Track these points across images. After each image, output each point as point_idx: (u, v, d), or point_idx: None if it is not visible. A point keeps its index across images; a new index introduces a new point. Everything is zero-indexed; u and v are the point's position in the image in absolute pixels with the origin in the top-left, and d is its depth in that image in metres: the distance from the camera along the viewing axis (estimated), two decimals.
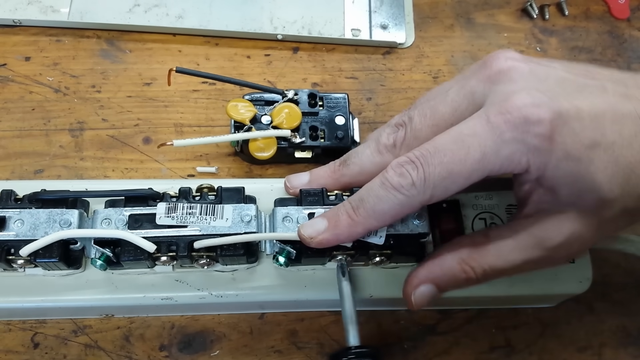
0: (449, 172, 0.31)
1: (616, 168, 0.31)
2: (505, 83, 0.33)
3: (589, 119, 0.31)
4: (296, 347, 0.44)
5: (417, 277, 0.37)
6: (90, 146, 0.49)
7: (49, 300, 0.39)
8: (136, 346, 0.43)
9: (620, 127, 0.31)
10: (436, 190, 0.32)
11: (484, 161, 0.31)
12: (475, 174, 0.32)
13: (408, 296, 0.37)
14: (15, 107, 0.50)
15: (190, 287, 0.39)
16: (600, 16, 0.61)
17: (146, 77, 0.53)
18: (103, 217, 0.37)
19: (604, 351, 0.46)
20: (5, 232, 0.36)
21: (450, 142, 0.32)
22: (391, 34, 0.57)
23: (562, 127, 0.30)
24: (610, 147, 0.31)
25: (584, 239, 0.34)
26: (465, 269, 0.36)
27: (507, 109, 0.31)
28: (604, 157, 0.31)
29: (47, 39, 0.54)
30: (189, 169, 0.49)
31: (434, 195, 0.32)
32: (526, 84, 0.32)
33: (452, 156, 0.31)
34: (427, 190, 0.32)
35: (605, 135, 0.31)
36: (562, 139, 0.31)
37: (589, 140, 0.31)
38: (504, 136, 0.31)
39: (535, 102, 0.31)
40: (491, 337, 0.46)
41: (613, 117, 0.31)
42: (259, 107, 0.48)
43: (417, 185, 0.32)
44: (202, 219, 0.37)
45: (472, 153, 0.31)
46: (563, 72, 0.33)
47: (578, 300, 0.47)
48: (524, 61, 0.33)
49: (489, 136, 0.31)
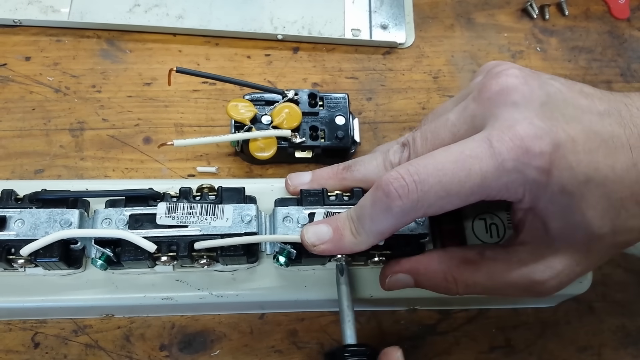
0: (446, 192, 0.31)
1: (607, 204, 0.31)
2: (507, 107, 0.32)
3: (584, 152, 0.31)
4: (296, 347, 0.44)
5: (399, 266, 0.37)
6: (91, 146, 0.49)
7: (50, 300, 0.39)
8: (136, 346, 0.43)
9: (613, 160, 0.31)
10: (430, 208, 0.32)
11: (484, 185, 0.31)
12: (473, 197, 0.31)
13: (384, 277, 0.38)
14: (16, 107, 0.50)
15: (191, 287, 0.39)
16: (600, 16, 0.61)
17: (146, 77, 0.53)
18: (103, 217, 0.37)
19: (604, 351, 0.46)
20: (6, 232, 0.36)
21: (450, 160, 0.31)
22: (391, 34, 0.57)
23: (559, 160, 0.30)
24: (603, 183, 0.31)
25: (571, 274, 0.34)
26: (448, 279, 0.36)
27: (510, 137, 0.30)
28: (596, 193, 0.31)
29: (47, 39, 0.54)
30: (189, 169, 0.49)
31: (427, 213, 0.32)
32: (527, 109, 0.31)
33: (452, 177, 0.31)
34: (419, 210, 0.32)
35: (599, 170, 0.31)
36: (559, 173, 0.30)
37: (584, 175, 0.30)
38: (505, 164, 0.30)
39: (537, 134, 0.30)
40: (491, 337, 0.46)
41: (606, 151, 0.31)
42: (259, 107, 0.48)
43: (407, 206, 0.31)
44: (202, 219, 0.37)
45: (472, 176, 0.31)
46: (564, 92, 0.33)
47: (578, 300, 0.47)
48: (523, 79, 0.33)
49: (490, 162, 0.30)
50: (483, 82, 0.34)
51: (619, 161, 0.31)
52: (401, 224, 0.33)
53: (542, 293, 0.35)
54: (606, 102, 0.33)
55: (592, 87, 0.34)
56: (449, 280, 0.36)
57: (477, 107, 0.33)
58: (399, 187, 0.31)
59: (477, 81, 0.35)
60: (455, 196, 0.31)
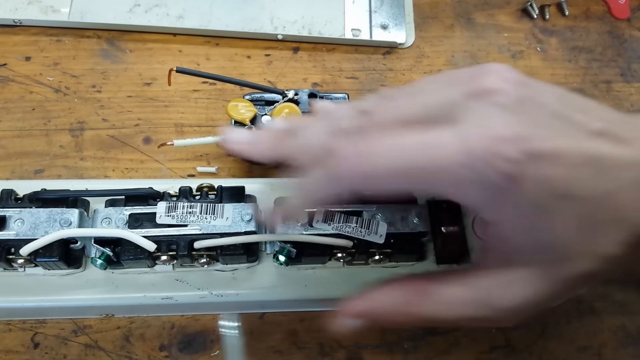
0: (398, 172, 0.29)
1: (583, 224, 0.29)
2: (489, 106, 0.29)
3: (567, 167, 0.28)
4: (296, 347, 0.44)
5: (349, 310, 0.34)
6: (91, 146, 0.49)
7: (49, 300, 0.39)
8: (136, 346, 0.43)
9: (597, 180, 0.28)
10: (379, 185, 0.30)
11: (439, 177, 0.29)
12: (425, 185, 0.29)
13: (334, 321, 0.34)
14: (16, 107, 0.50)
15: (191, 287, 0.39)
16: (600, 16, 0.61)
17: (146, 77, 0.53)
18: (103, 216, 0.37)
19: (604, 351, 0.46)
20: (6, 232, 0.36)
21: (413, 143, 0.29)
22: (391, 34, 0.57)
23: (532, 170, 0.28)
24: (582, 202, 0.28)
25: (536, 303, 0.31)
26: (403, 313, 0.33)
27: (481, 135, 0.28)
28: (572, 210, 0.28)
29: (47, 39, 0.54)
30: (189, 169, 0.49)
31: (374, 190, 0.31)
32: (510, 113, 0.29)
33: (408, 158, 0.29)
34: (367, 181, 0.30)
35: (579, 187, 0.28)
36: (528, 184, 0.28)
37: (560, 189, 0.28)
38: (468, 161, 0.28)
39: (511, 138, 0.28)
40: (491, 337, 0.46)
41: (592, 169, 0.28)
42: (259, 107, 0.48)
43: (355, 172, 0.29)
44: (202, 218, 0.37)
45: (430, 162, 0.29)
46: (557, 105, 0.30)
47: (578, 300, 0.47)
48: (517, 85, 0.30)
49: (453, 156, 0.28)
50: (474, 75, 0.31)
51: (604, 181, 0.28)
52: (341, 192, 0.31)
53: (504, 322, 0.33)
54: (605, 120, 0.30)
55: (596, 103, 0.31)
56: (405, 314, 0.33)
57: (459, 98, 0.30)
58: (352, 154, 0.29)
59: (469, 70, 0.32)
60: (407, 178, 0.29)
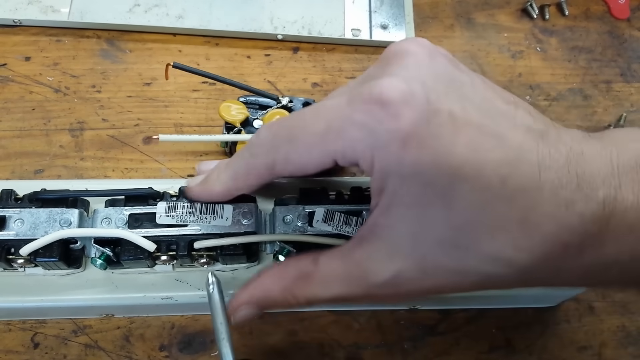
0: (290, 136, 0.28)
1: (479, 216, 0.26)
2: (393, 65, 0.27)
3: (466, 144, 0.25)
4: (296, 347, 0.44)
5: (237, 301, 0.34)
6: (91, 146, 0.49)
7: (49, 300, 0.39)
8: (136, 346, 0.43)
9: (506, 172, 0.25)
10: (277, 154, 0.29)
11: (326, 137, 0.27)
12: (317, 150, 0.28)
13: (229, 315, 0.35)
14: (16, 107, 0.50)
15: (190, 287, 0.39)
16: (600, 16, 0.61)
17: (146, 77, 0.53)
18: (103, 216, 0.37)
19: (604, 351, 0.46)
20: (6, 232, 0.36)
21: (309, 110, 0.29)
22: (391, 34, 0.57)
23: (424, 136, 0.25)
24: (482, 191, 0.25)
25: (411, 280, 0.29)
26: (287, 298, 0.32)
27: (370, 89, 0.26)
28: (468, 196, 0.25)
29: (47, 39, 0.54)
30: (189, 169, 0.49)
31: (276, 160, 0.29)
32: (415, 73, 0.26)
33: (299, 122, 0.28)
34: (269, 153, 0.29)
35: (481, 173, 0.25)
36: (418, 150, 0.25)
37: (453, 168, 0.25)
38: (354, 116, 0.26)
39: (406, 94, 0.25)
40: (491, 337, 0.46)
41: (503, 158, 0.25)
42: (252, 110, 0.47)
43: (262, 144, 0.30)
44: (202, 218, 0.37)
45: (317, 122, 0.27)
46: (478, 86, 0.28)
47: (578, 300, 0.47)
48: (429, 51, 0.28)
49: (340, 113, 0.27)
50: (390, 44, 0.30)
51: (517, 176, 0.25)
52: (253, 167, 0.31)
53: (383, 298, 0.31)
54: (534, 120, 0.27)
55: (529, 105, 0.29)
56: (289, 299, 0.32)
57: (374, 67, 0.29)
58: (265, 126, 0.30)
59: None
60: (300, 143, 0.28)
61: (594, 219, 0.26)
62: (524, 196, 0.25)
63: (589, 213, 0.26)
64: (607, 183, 0.26)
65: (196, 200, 0.36)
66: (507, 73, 0.57)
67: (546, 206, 0.26)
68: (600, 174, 0.26)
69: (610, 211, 0.26)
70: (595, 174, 0.26)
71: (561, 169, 0.26)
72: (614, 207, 0.26)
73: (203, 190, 0.35)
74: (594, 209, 0.26)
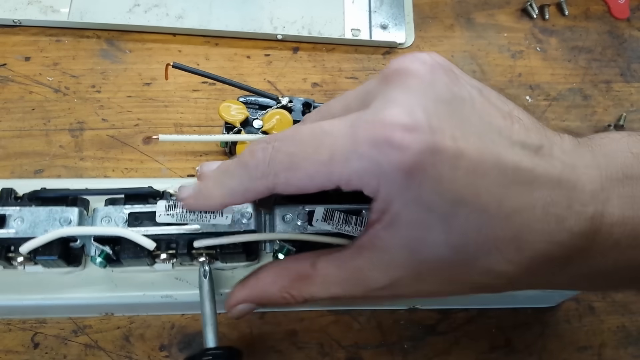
0: (291, 164, 0.28)
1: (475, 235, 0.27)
2: (395, 88, 0.28)
3: (467, 171, 0.26)
4: (296, 347, 0.44)
5: (235, 298, 0.35)
6: (90, 146, 0.49)
7: (49, 298, 0.39)
8: (136, 346, 0.43)
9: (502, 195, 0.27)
10: (278, 179, 0.29)
11: (330, 166, 0.27)
12: (320, 177, 0.28)
13: (228, 310, 0.35)
14: (15, 107, 0.50)
15: (190, 285, 0.39)
16: (600, 16, 0.61)
17: (146, 77, 0.53)
18: (103, 214, 0.37)
19: (604, 351, 0.46)
20: (5, 230, 0.36)
21: (307, 133, 0.28)
22: (391, 34, 0.57)
23: (427, 166, 0.26)
24: (479, 214, 0.27)
25: (407, 288, 0.31)
26: (285, 297, 0.33)
27: (375, 119, 0.26)
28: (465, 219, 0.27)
29: (47, 39, 0.54)
30: (189, 169, 0.49)
31: (277, 184, 0.29)
32: (417, 97, 0.27)
33: (300, 149, 0.28)
34: (269, 176, 0.29)
35: (479, 197, 0.26)
36: (421, 181, 0.26)
37: (454, 195, 0.26)
38: (359, 148, 0.26)
39: (409, 126, 0.26)
40: (491, 337, 0.46)
41: (499, 181, 0.27)
42: (252, 110, 0.47)
43: (259, 168, 0.29)
44: (201, 217, 0.36)
45: (320, 152, 0.27)
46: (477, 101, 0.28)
47: (578, 300, 0.47)
48: (431, 68, 0.28)
49: (344, 141, 0.27)
50: (391, 61, 0.30)
51: (511, 197, 0.27)
52: (252, 188, 0.30)
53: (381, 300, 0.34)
54: (528, 133, 0.28)
55: (527, 114, 0.30)
56: (287, 297, 0.33)
57: (374, 84, 0.30)
58: (261, 148, 0.29)
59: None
60: (301, 170, 0.28)
61: (582, 235, 0.27)
62: (517, 216, 0.27)
63: (577, 229, 0.27)
64: (595, 198, 0.28)
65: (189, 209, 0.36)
66: (507, 73, 0.57)
67: (538, 224, 0.27)
68: (590, 189, 0.28)
69: (597, 226, 0.28)
70: (585, 190, 0.28)
71: (554, 187, 0.27)
72: (601, 222, 0.28)
73: (197, 205, 0.34)
74: (582, 225, 0.27)
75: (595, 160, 0.29)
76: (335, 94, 0.54)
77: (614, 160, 0.29)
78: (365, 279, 0.31)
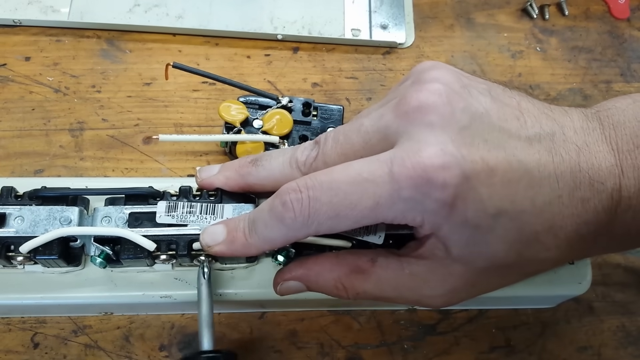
0: (336, 213, 0.30)
1: (519, 236, 0.30)
2: (421, 127, 0.29)
3: (501, 184, 0.29)
4: (296, 347, 0.44)
5: (290, 273, 0.36)
6: (90, 146, 0.49)
7: (48, 298, 0.39)
8: (136, 346, 0.43)
9: (534, 192, 0.29)
10: (321, 227, 0.30)
11: (376, 210, 0.29)
12: (365, 220, 0.30)
13: (276, 283, 0.36)
14: (15, 107, 0.50)
15: (189, 285, 0.39)
16: (600, 16, 0.61)
17: (146, 77, 0.53)
18: (103, 214, 0.37)
19: (604, 351, 0.46)
20: (5, 229, 0.36)
21: (346, 181, 0.30)
22: (391, 34, 0.57)
23: (467, 192, 0.28)
24: (517, 216, 0.29)
25: (463, 295, 0.33)
26: (338, 287, 0.35)
27: (413, 163, 0.28)
28: (507, 226, 0.29)
29: (47, 39, 0.54)
30: (189, 169, 0.49)
31: (319, 231, 0.31)
32: (443, 132, 0.29)
33: (344, 198, 0.29)
34: (311, 226, 0.30)
35: (515, 202, 0.29)
36: (464, 206, 0.29)
37: (495, 209, 0.29)
38: (402, 192, 0.28)
39: (445, 164, 0.28)
40: (491, 337, 0.46)
41: (529, 182, 0.29)
42: (252, 110, 0.47)
43: (299, 220, 0.30)
44: (202, 218, 0.36)
45: (364, 200, 0.29)
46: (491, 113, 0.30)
47: (578, 300, 0.47)
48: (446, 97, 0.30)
49: (386, 188, 0.29)
50: (404, 93, 0.31)
51: (542, 193, 0.29)
52: (293, 237, 0.32)
53: (430, 305, 0.37)
54: (540, 124, 0.31)
55: (531, 101, 0.32)
56: (339, 287, 0.34)
57: (393, 120, 0.31)
58: (295, 199, 0.30)
59: (404, 85, 0.33)
60: (346, 218, 0.30)
61: (605, 210, 0.30)
62: (549, 208, 0.29)
63: (601, 207, 0.30)
64: (612, 173, 0.30)
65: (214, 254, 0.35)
66: (507, 73, 0.57)
67: (566, 209, 0.30)
68: (606, 165, 0.30)
69: (617, 200, 0.30)
70: (602, 167, 0.30)
71: (574, 172, 0.30)
72: (620, 195, 0.30)
73: (230, 253, 0.34)
74: (605, 202, 0.30)
75: (605, 134, 0.31)
76: (335, 94, 0.54)
77: (624, 131, 0.31)
78: (421, 286, 0.33)
